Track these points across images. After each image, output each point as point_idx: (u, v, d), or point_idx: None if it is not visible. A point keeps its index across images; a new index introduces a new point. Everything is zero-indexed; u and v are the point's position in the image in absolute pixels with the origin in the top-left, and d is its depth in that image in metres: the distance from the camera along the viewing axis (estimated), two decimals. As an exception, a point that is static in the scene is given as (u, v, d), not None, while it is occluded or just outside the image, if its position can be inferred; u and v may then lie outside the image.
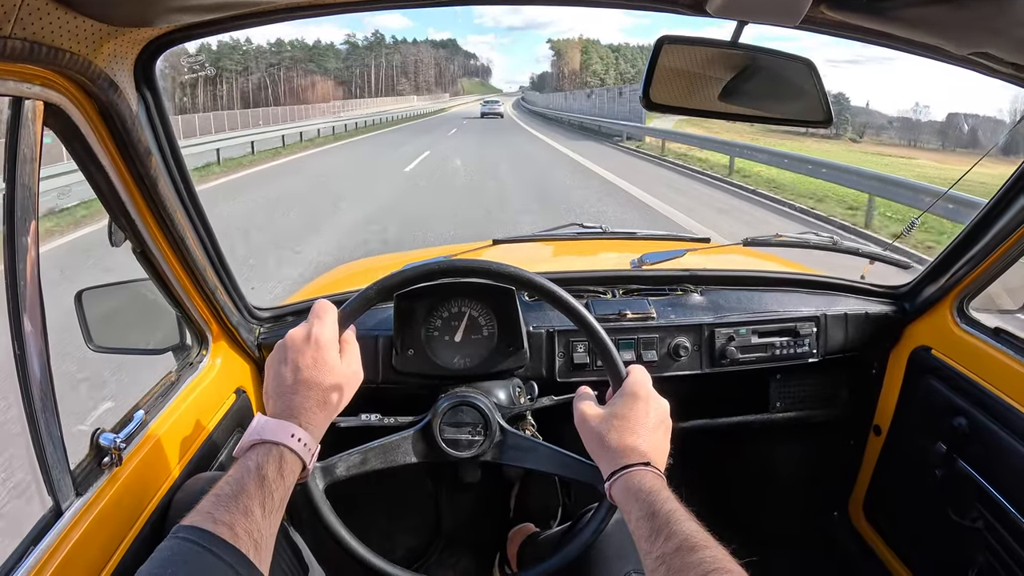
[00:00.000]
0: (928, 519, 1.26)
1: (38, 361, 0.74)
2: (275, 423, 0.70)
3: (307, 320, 0.78)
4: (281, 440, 0.69)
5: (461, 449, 0.93)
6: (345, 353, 0.79)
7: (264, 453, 0.68)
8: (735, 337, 1.26)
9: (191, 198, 0.91)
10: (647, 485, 0.69)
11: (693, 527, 0.63)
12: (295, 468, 0.70)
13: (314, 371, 0.74)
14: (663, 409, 0.79)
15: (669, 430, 0.79)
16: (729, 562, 0.58)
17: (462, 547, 1.58)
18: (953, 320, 1.22)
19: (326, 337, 0.76)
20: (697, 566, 0.57)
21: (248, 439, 0.70)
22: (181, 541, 0.58)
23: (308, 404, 0.73)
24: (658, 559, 0.61)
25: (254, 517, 0.61)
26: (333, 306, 0.80)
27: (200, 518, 0.60)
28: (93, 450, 0.83)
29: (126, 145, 0.77)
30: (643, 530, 0.65)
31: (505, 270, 0.87)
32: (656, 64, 0.81)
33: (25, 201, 0.70)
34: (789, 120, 0.94)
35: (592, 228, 1.50)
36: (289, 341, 0.76)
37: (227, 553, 0.57)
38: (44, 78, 0.66)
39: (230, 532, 0.59)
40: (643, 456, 0.73)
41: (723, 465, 1.52)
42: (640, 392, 0.78)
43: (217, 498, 0.62)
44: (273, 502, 0.65)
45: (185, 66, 67.28)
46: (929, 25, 0.72)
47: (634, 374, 0.80)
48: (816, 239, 1.33)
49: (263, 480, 0.65)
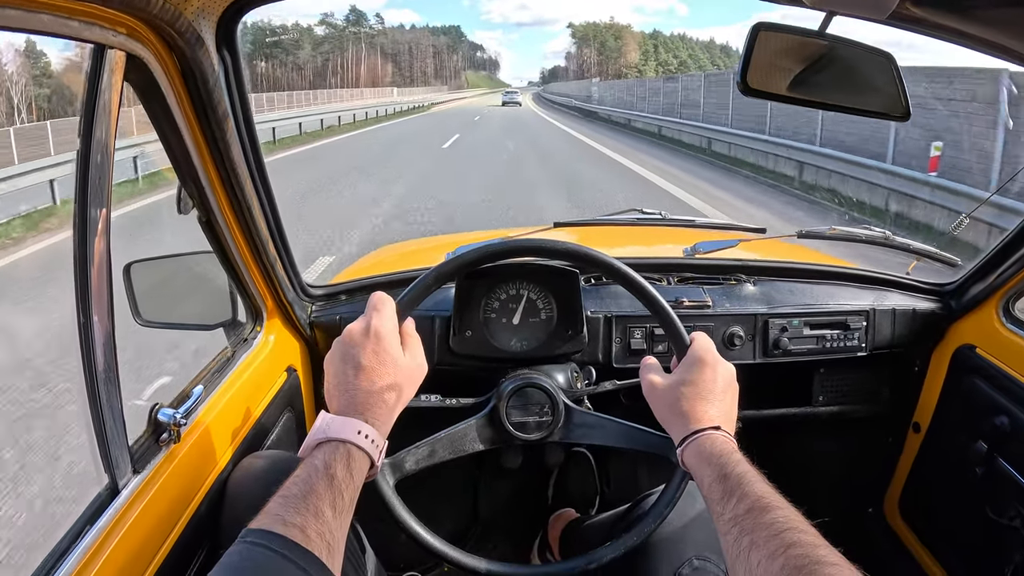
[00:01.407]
0: (965, 517, 1.26)
1: (102, 332, 0.71)
2: (340, 420, 0.68)
3: (365, 313, 0.75)
4: (348, 437, 0.67)
5: (529, 431, 0.91)
6: (407, 345, 0.76)
7: (331, 452, 0.65)
8: (788, 328, 1.25)
9: (259, 168, 0.88)
10: (719, 448, 0.69)
11: (765, 488, 0.63)
12: (363, 466, 0.67)
13: (376, 365, 0.71)
14: (730, 373, 0.79)
15: (736, 394, 0.79)
16: (801, 522, 0.58)
17: (499, 533, 1.57)
18: (999, 319, 1.22)
19: (386, 329, 0.73)
20: (769, 526, 0.57)
21: (313, 438, 0.67)
22: (250, 546, 0.55)
23: (372, 399, 0.70)
24: (730, 520, 0.61)
25: (325, 518, 0.59)
26: (390, 298, 0.77)
27: (269, 520, 0.57)
28: (151, 426, 0.81)
29: (204, 107, 0.74)
30: (716, 493, 0.65)
31: (555, 246, 0.87)
32: (753, 50, 0.80)
33: (100, 159, 0.67)
34: (869, 112, 0.94)
35: (652, 214, 1.49)
36: (347, 336, 0.73)
37: (301, 557, 0.55)
38: (130, 26, 0.63)
39: (302, 535, 0.56)
40: (713, 420, 0.73)
41: (762, 456, 1.52)
42: (707, 358, 0.78)
43: (285, 499, 0.59)
44: (343, 502, 0.62)
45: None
46: (1011, 27, 0.72)
47: (698, 340, 0.80)
48: (869, 233, 1.33)
49: (332, 479, 0.63)
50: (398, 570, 1.33)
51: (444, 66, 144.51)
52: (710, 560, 0.83)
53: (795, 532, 0.56)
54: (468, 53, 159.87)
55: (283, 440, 1.07)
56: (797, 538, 0.55)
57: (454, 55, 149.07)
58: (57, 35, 0.55)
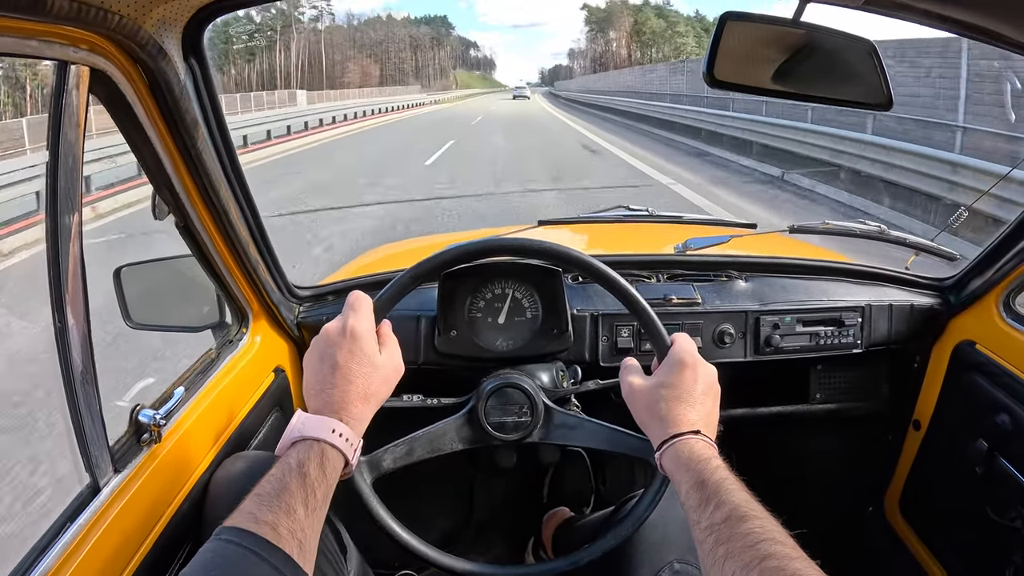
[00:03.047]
0: (965, 517, 1.23)
1: (79, 334, 0.73)
2: (315, 419, 0.69)
3: (342, 313, 0.76)
4: (322, 436, 0.67)
5: (507, 432, 0.91)
6: (384, 345, 0.77)
7: (305, 450, 0.66)
8: (780, 325, 1.24)
9: (236, 173, 0.89)
10: (697, 453, 0.68)
11: (743, 497, 0.62)
12: (337, 464, 0.68)
13: (352, 364, 0.72)
14: (711, 375, 0.77)
15: (718, 397, 0.77)
16: (779, 533, 0.57)
17: (494, 533, 1.58)
18: (999, 315, 1.19)
19: (362, 329, 0.74)
20: (746, 536, 0.57)
21: (289, 437, 0.68)
22: (224, 543, 0.56)
23: (348, 398, 0.71)
24: (707, 529, 0.60)
25: (297, 516, 0.60)
26: (367, 297, 0.78)
27: (242, 518, 0.58)
28: (132, 426, 0.83)
29: (173, 115, 0.75)
30: (693, 500, 0.64)
31: (532, 245, 0.86)
32: (720, 40, 0.79)
33: (69, 170, 0.69)
34: (849, 102, 0.92)
35: (638, 211, 1.48)
36: (324, 335, 0.74)
37: (270, 554, 0.56)
38: (91, 42, 0.64)
39: (273, 532, 0.57)
40: (692, 424, 0.72)
41: (759, 455, 1.51)
42: (687, 359, 0.76)
43: (259, 497, 0.61)
44: (316, 499, 0.63)
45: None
46: (992, 9, 0.70)
47: (679, 342, 0.79)
48: (863, 227, 1.30)
49: (305, 478, 0.63)
50: (392, 569, 1.34)
51: (426, 62, 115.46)
52: (691, 564, 0.82)
53: (772, 543, 0.55)
54: (459, 50, 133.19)
55: (270, 440, 1.08)
56: (774, 550, 0.55)
57: (439, 50, 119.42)
58: (18, 55, 0.57)
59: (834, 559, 1.46)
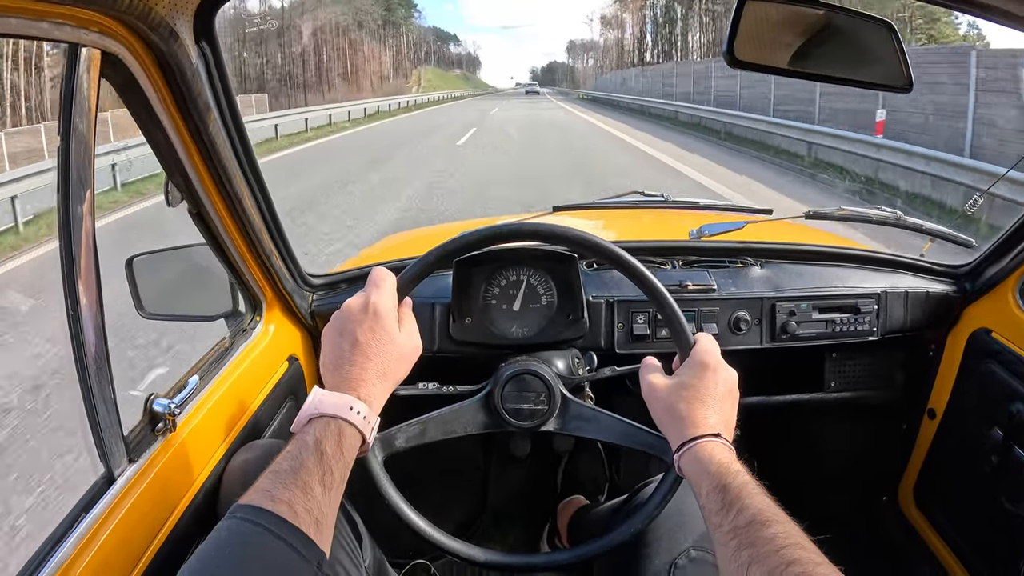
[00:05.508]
0: (980, 507, 1.23)
1: (92, 323, 0.72)
2: (333, 396, 0.68)
3: (364, 289, 0.74)
4: (339, 414, 0.66)
5: (523, 419, 0.90)
6: (403, 323, 0.76)
7: (322, 427, 0.65)
8: (796, 312, 1.22)
9: (248, 159, 0.88)
10: (717, 457, 0.68)
11: (766, 502, 0.61)
12: (354, 442, 0.67)
13: (372, 341, 0.71)
14: (732, 379, 0.77)
15: (737, 401, 0.77)
16: (802, 538, 0.57)
17: (509, 520, 1.58)
18: (1015, 302, 1.18)
19: (385, 306, 0.73)
20: (770, 541, 0.56)
21: (305, 413, 0.67)
22: (239, 521, 0.56)
23: (367, 376, 0.70)
24: (729, 532, 0.60)
25: (314, 494, 0.59)
26: (391, 273, 0.76)
27: (258, 496, 0.57)
28: (146, 416, 0.82)
29: (185, 100, 0.74)
30: (714, 503, 0.63)
31: (569, 233, 0.84)
32: (740, 21, 0.78)
33: (80, 155, 0.67)
34: (868, 83, 0.91)
35: (653, 196, 1.46)
36: (346, 311, 0.73)
37: (287, 532, 0.55)
38: (102, 24, 0.63)
39: (289, 510, 0.57)
40: (712, 427, 0.71)
41: (773, 444, 1.50)
42: (710, 361, 0.76)
43: (275, 475, 0.60)
44: (333, 478, 0.62)
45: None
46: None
47: (702, 342, 0.78)
48: (880, 214, 1.29)
49: (322, 455, 0.63)
50: (407, 558, 1.34)
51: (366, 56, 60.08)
52: (707, 550, 0.82)
53: (796, 548, 0.55)
54: (433, 44, 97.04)
55: (284, 429, 1.08)
56: (799, 555, 0.54)
57: (396, 37, 71.81)
58: (28, 37, 0.56)
59: (848, 548, 1.46)
